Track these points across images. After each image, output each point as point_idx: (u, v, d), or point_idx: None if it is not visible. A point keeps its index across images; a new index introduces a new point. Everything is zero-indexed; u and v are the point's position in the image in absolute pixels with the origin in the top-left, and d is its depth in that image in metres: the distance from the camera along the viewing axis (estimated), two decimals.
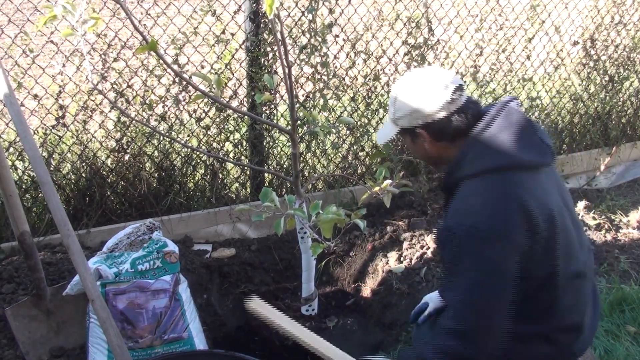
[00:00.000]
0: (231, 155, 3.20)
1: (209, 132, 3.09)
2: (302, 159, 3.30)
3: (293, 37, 2.98)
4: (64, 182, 2.95)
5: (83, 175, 2.98)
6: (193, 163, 3.15)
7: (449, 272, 1.61)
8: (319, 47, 2.85)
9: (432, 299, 2.13)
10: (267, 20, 2.88)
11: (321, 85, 3.05)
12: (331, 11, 2.95)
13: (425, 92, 1.62)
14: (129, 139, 2.99)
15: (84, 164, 2.96)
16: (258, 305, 1.99)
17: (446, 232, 1.56)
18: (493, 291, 1.49)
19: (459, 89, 1.61)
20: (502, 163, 1.54)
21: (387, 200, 2.16)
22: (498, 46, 3.58)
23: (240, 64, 3.02)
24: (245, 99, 3.12)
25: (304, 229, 2.37)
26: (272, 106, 3.16)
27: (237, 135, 3.19)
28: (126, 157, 3.02)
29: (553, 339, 1.59)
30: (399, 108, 1.67)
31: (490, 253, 1.47)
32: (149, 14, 2.88)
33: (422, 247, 2.93)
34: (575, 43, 3.79)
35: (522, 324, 1.57)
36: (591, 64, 3.86)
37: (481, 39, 3.54)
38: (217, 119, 3.08)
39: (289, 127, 2.16)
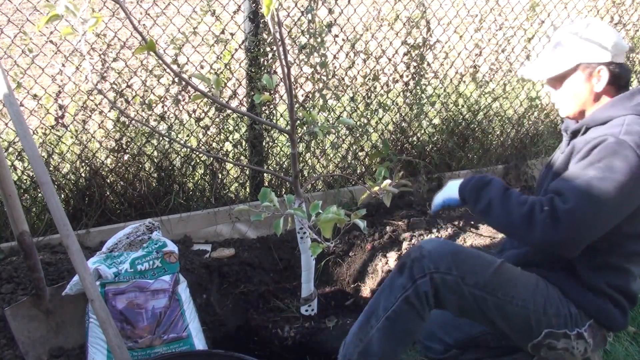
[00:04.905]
0: (230, 155, 3.20)
1: (208, 132, 3.09)
2: (301, 159, 3.30)
3: (292, 37, 2.98)
4: (64, 182, 2.95)
5: (82, 175, 2.98)
6: (192, 163, 3.15)
7: (582, 167, 1.64)
8: (317, 48, 2.85)
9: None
10: (266, 20, 2.88)
11: (320, 85, 3.05)
12: (330, 11, 2.95)
13: (615, 35, 1.67)
14: (129, 139, 2.99)
15: (83, 164, 2.96)
16: None
17: (601, 138, 1.61)
18: (611, 199, 1.55)
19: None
20: None
21: (388, 200, 2.16)
22: (497, 46, 3.58)
23: (240, 64, 3.02)
24: (244, 99, 3.12)
25: (303, 229, 2.37)
26: (272, 106, 3.16)
27: (237, 135, 3.19)
28: (125, 157, 3.02)
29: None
30: (590, 37, 1.65)
31: (627, 170, 1.55)
32: (148, 14, 2.88)
33: None
34: None
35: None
36: None
37: (480, 39, 3.54)
38: (217, 119, 3.08)
39: (288, 127, 2.16)
